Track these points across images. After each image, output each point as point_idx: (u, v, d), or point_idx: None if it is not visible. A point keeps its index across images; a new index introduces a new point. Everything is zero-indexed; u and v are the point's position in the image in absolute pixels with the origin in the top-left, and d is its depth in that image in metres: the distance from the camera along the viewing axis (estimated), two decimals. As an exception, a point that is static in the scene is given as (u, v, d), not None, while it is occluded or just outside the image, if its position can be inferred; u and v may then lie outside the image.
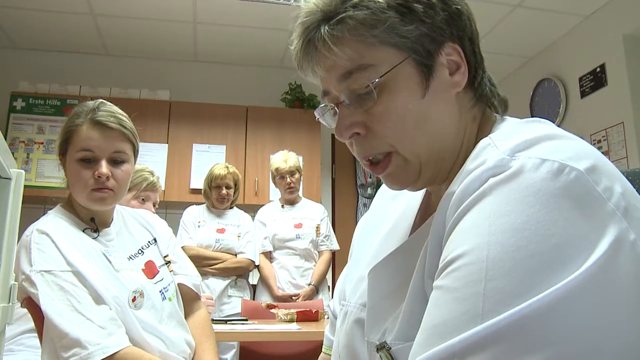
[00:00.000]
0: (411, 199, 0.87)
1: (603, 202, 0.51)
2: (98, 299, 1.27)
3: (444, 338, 0.49)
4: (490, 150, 0.59)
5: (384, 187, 0.94)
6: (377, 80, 0.67)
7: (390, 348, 0.66)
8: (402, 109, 0.68)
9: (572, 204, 0.50)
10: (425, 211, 0.82)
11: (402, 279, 0.69)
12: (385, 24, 0.66)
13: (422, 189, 0.78)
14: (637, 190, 0.81)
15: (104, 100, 1.47)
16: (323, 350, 1.02)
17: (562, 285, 0.46)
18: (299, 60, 0.74)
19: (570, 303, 0.46)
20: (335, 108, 0.73)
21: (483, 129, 0.74)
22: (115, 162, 1.41)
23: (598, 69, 3.71)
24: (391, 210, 0.89)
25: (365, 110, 0.70)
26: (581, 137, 0.60)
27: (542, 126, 0.63)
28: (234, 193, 3.39)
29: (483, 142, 0.62)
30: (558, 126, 0.64)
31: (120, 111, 1.46)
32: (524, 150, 0.56)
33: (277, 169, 3.41)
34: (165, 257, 1.56)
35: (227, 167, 3.36)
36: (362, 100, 0.69)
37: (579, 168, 0.52)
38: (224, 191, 3.31)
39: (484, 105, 0.75)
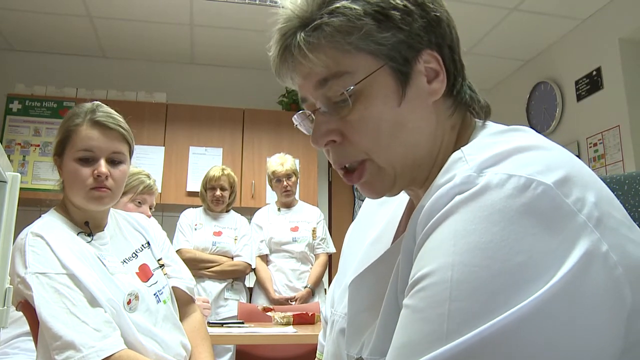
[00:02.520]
0: (397, 206, 0.86)
1: (573, 214, 0.50)
2: (93, 302, 1.26)
3: (409, 359, 0.49)
4: (460, 165, 0.58)
5: None
6: (352, 87, 0.66)
7: None
8: (377, 117, 0.67)
9: (537, 220, 0.50)
10: (407, 219, 0.81)
11: (379, 292, 0.68)
12: (361, 31, 0.65)
13: (398, 194, 0.77)
14: (634, 194, 0.81)
15: (100, 103, 1.47)
16: (317, 356, 1.01)
17: (526, 304, 0.46)
18: (276, 67, 0.73)
19: (536, 321, 0.46)
20: (312, 115, 0.73)
21: (462, 136, 0.73)
22: (113, 162, 1.42)
23: (594, 73, 3.73)
24: (379, 217, 0.88)
25: (341, 118, 0.69)
26: (577, 141, 0.59)
27: (518, 136, 0.62)
28: (230, 196, 3.39)
29: (455, 156, 0.61)
30: (554, 130, 0.63)
31: (116, 113, 1.47)
32: (492, 167, 0.55)
33: (273, 172, 3.40)
34: (159, 260, 1.56)
35: (223, 170, 3.38)
36: (338, 108, 0.68)
37: (546, 182, 0.51)
38: (218, 192, 3.32)
39: (464, 112, 0.74)
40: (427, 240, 0.55)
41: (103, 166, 1.39)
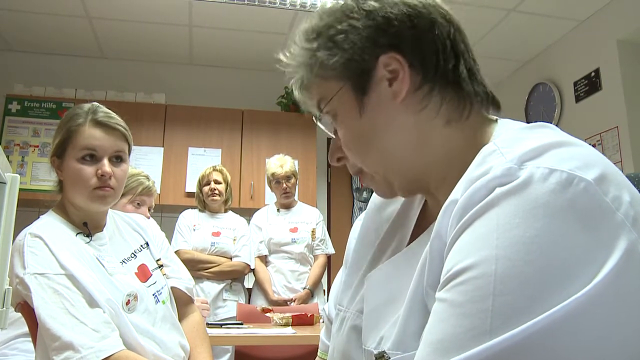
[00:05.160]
0: (407, 201, 0.86)
1: (612, 213, 0.50)
2: (92, 302, 1.26)
3: (449, 354, 0.48)
4: (495, 158, 0.58)
5: None
6: (323, 110, 0.76)
7: (390, 358, 0.65)
8: (348, 132, 0.75)
9: (581, 217, 0.49)
10: (424, 216, 0.81)
11: (400, 286, 0.68)
12: (317, 64, 0.74)
13: (410, 196, 0.81)
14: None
15: (98, 104, 1.48)
16: (319, 354, 1.00)
17: (571, 301, 0.46)
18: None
19: (581, 319, 0.46)
20: None
21: (482, 131, 0.72)
22: (115, 161, 1.43)
23: (592, 74, 3.73)
24: (387, 213, 0.88)
25: (339, 138, 0.78)
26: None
27: (548, 132, 0.62)
28: (225, 191, 3.40)
29: (487, 149, 0.61)
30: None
31: (114, 113, 1.48)
32: (532, 160, 0.54)
33: (273, 174, 3.40)
34: (157, 260, 1.56)
35: (214, 166, 3.45)
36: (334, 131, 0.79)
37: (587, 178, 0.51)
38: (213, 185, 3.35)
39: (467, 106, 0.72)
40: (465, 232, 0.54)
41: (107, 165, 1.40)
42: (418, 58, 0.70)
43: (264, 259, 3.41)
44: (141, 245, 1.54)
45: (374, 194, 0.96)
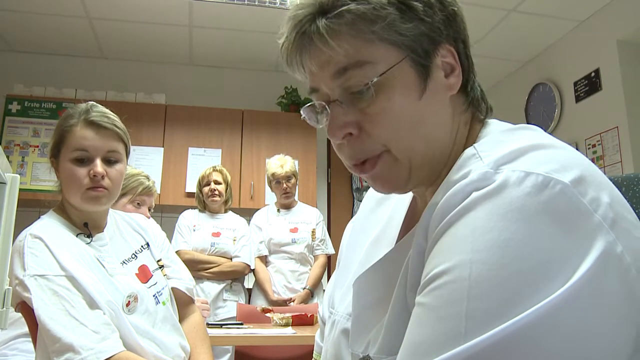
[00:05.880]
0: (398, 204, 0.86)
1: (589, 214, 0.50)
2: (92, 304, 1.26)
3: (425, 357, 0.48)
4: (474, 162, 0.58)
5: (371, 190, 0.92)
6: (375, 79, 0.64)
7: None
8: (398, 110, 0.65)
9: (556, 219, 0.49)
10: (411, 218, 0.81)
11: (386, 290, 0.68)
12: (385, 21, 0.64)
13: (410, 191, 0.76)
14: (632, 196, 0.81)
15: (95, 103, 1.47)
16: (314, 356, 1.00)
17: (545, 303, 0.46)
18: (288, 54, 0.70)
19: (555, 321, 0.45)
20: (327, 106, 0.70)
21: (471, 133, 0.73)
22: (109, 161, 1.42)
23: (592, 74, 3.73)
24: (378, 215, 0.88)
25: (359, 110, 0.67)
26: (575, 142, 0.60)
27: (529, 134, 0.62)
28: (225, 191, 3.40)
29: (468, 152, 0.61)
30: (552, 131, 0.63)
31: (111, 112, 1.47)
32: (508, 163, 0.54)
33: (273, 174, 3.40)
34: (158, 261, 1.56)
35: (214, 167, 3.45)
36: (356, 99, 0.67)
37: (564, 180, 0.51)
38: (213, 186, 3.34)
39: (475, 109, 0.74)
40: (443, 236, 0.54)
41: (99, 166, 1.39)
42: (465, 60, 0.71)
43: (264, 259, 3.41)
44: (142, 246, 1.54)
45: (366, 195, 0.96)
